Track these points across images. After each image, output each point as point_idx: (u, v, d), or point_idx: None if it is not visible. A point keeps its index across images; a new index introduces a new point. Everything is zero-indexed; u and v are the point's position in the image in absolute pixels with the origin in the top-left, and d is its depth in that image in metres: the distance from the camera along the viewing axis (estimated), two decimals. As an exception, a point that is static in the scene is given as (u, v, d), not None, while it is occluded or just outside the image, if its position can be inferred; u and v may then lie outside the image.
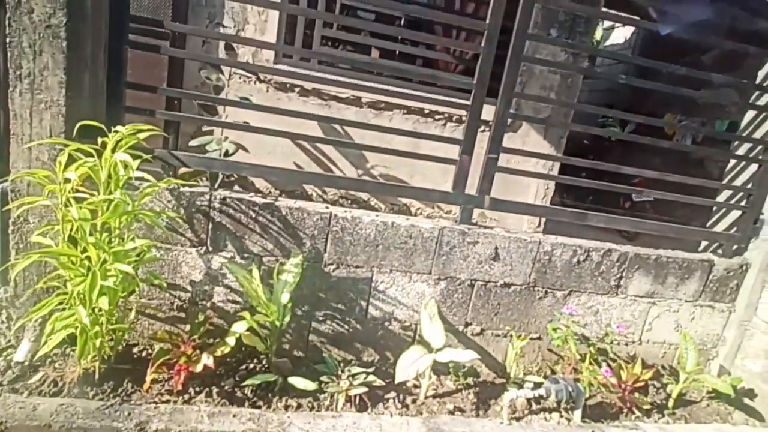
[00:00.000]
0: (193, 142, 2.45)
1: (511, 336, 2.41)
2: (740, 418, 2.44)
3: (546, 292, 2.43)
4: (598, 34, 5.58)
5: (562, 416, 2.19)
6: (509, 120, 2.72)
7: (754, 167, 2.66)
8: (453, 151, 2.33)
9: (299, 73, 2.55)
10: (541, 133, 3.26)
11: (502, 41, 2.16)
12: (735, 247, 2.64)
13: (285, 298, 2.07)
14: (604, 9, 3.06)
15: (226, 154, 2.38)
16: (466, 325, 2.42)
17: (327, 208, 2.22)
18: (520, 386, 2.23)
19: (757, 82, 2.65)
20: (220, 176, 2.37)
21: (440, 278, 2.33)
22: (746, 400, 2.50)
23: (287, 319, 2.08)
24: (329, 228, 2.20)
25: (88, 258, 1.71)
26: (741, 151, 2.74)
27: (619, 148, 5.12)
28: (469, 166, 2.26)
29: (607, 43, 5.69)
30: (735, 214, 2.72)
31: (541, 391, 2.15)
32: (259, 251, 2.19)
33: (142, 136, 1.79)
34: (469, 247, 2.31)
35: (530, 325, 2.47)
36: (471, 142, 2.20)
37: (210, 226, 2.13)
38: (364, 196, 3.14)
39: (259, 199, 2.15)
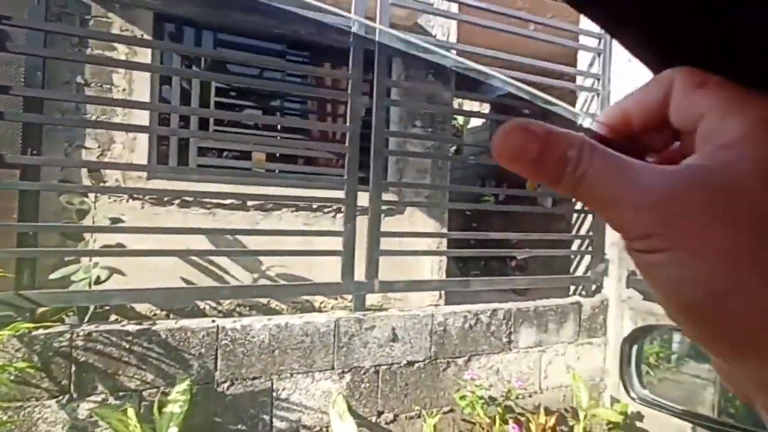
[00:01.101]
0: (54, 275, 2.21)
1: (424, 415, 2.40)
2: (637, 443, 2.65)
3: (448, 363, 2.51)
4: (461, 119, 6.47)
5: (486, 489, 2.17)
6: (386, 206, 2.95)
7: (590, 216, 3.18)
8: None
9: (176, 191, 2.53)
10: (425, 213, 3.55)
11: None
12: (594, 287, 3.04)
13: (173, 433, 1.85)
14: (455, 103, 3.61)
15: (97, 281, 2.18)
16: (379, 414, 2.36)
17: (213, 321, 2.11)
18: (441, 467, 2.18)
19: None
20: (91, 308, 2.14)
21: (344, 371, 2.29)
22: (638, 423, 2.74)
23: (178, 457, 1.84)
24: (218, 343, 2.07)
25: None
26: (579, 206, 3.28)
27: (498, 215, 5.75)
28: (353, 255, 2.36)
29: (469, 126, 6.63)
30: (587, 258, 3.18)
31: (462, 467, 2.13)
32: (137, 386, 1.96)
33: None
34: (367, 333, 2.33)
35: (440, 399, 2.49)
36: (351, 232, 2.33)
37: (73, 368, 1.87)
38: (263, 299, 3.05)
39: (132, 327, 1.97)
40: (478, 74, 2.44)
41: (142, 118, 2.76)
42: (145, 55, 2.78)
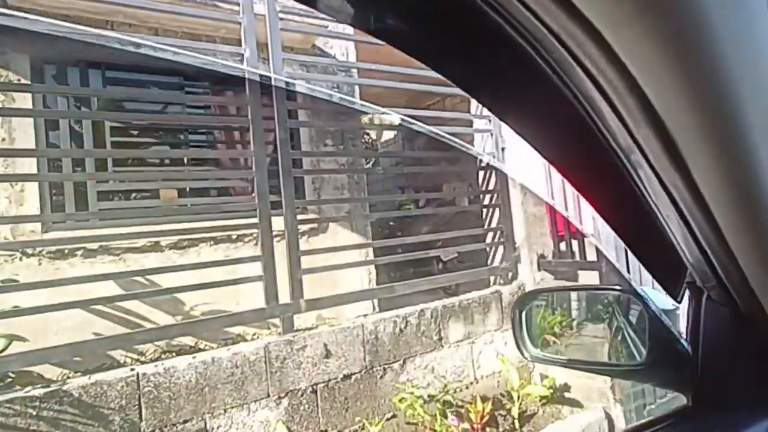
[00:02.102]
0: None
1: (366, 427, 2.43)
2: (567, 411, 2.88)
3: (384, 369, 2.58)
4: (374, 134, 6.68)
5: (434, 483, 2.24)
6: (309, 226, 2.99)
7: (497, 211, 3.44)
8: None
9: (76, 238, 2.38)
10: (348, 228, 3.62)
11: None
12: (510, 274, 3.29)
13: (98, 497, 1.72)
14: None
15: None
16: (322, 433, 2.36)
17: (132, 369, 2.00)
18: (389, 472, 2.23)
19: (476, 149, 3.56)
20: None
21: (280, 396, 2.27)
22: (566, 394, 2.98)
23: None
24: (140, 391, 1.97)
25: None
26: (486, 201, 3.54)
27: (421, 222, 5.96)
28: (275, 278, 2.36)
29: (383, 138, 6.87)
30: (501, 248, 3.43)
31: (408, 468, 2.19)
32: (50, 454, 1.80)
33: None
34: (299, 354, 2.33)
35: (381, 406, 2.54)
36: (269, 254, 2.33)
37: (-30, 449, 1.69)
38: (190, 341, 2.91)
39: (38, 391, 1.82)
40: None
41: (29, 167, 2.57)
42: (25, 100, 2.61)
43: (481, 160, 3.45)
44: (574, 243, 3.19)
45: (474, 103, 3.52)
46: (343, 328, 2.47)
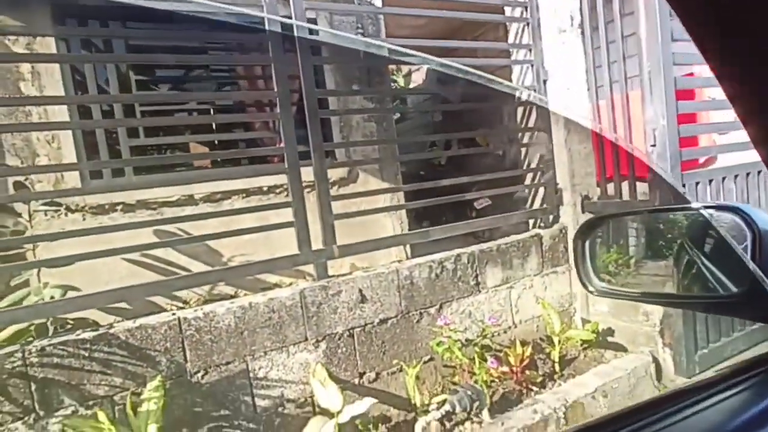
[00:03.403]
0: (1, 303, 2.09)
1: (404, 368, 2.44)
2: (610, 355, 2.79)
3: (420, 314, 2.55)
4: (399, 80, 6.39)
5: (473, 422, 2.25)
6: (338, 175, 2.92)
7: (539, 150, 3.22)
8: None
9: (118, 186, 2.42)
10: (378, 176, 3.52)
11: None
12: (551, 217, 3.12)
13: (152, 429, 1.81)
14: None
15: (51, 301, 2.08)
16: (360, 375, 2.39)
17: (173, 314, 2.06)
18: (427, 412, 2.24)
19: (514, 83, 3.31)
20: (51, 329, 2.06)
21: (318, 340, 2.29)
22: (609, 338, 2.88)
23: (162, 453, 1.82)
24: (183, 335, 2.03)
25: None
26: (525, 140, 3.32)
27: (450, 168, 5.77)
28: (306, 224, 2.32)
29: (411, 85, 6.56)
30: (542, 190, 3.24)
31: (447, 407, 2.19)
32: (106, 392, 1.91)
33: None
34: (334, 299, 2.33)
35: (418, 350, 2.54)
36: (300, 200, 2.29)
37: (33, 387, 1.80)
38: (229, 290, 2.99)
39: (88, 334, 1.90)
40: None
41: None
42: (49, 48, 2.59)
43: (519, 96, 3.20)
44: (624, 185, 2.95)
45: (513, 31, 3.22)
46: (378, 274, 2.44)
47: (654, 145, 2.51)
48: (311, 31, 2.61)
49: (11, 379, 1.78)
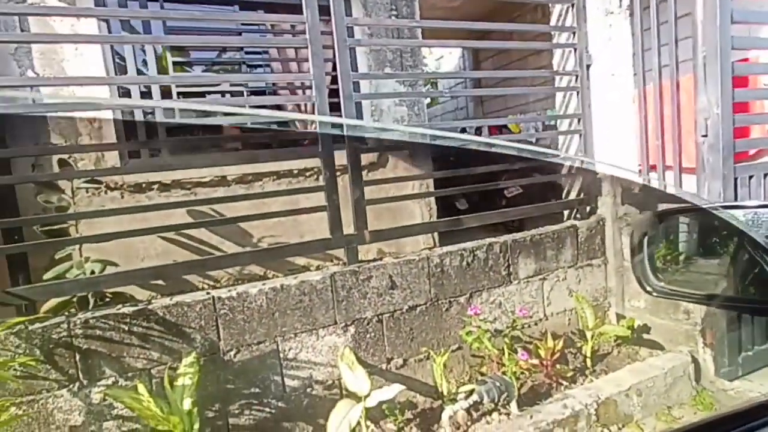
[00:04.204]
0: (47, 275, 2.19)
1: (432, 356, 2.43)
2: (645, 353, 2.70)
3: (450, 302, 2.52)
4: (432, 64, 6.26)
5: (500, 413, 2.23)
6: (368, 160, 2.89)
7: (577, 138, 3.10)
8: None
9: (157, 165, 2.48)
10: (408, 162, 3.49)
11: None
12: (588, 208, 3.01)
13: (187, 404, 1.87)
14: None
15: (92, 275, 2.16)
16: (388, 361, 2.40)
17: (208, 293, 2.10)
18: (454, 401, 2.23)
19: (555, 69, 3.17)
20: (91, 301, 2.14)
21: (347, 324, 2.30)
22: (645, 336, 2.78)
23: (197, 426, 1.87)
24: (216, 313, 2.07)
25: None
26: (563, 128, 3.20)
27: (481, 155, 5.64)
28: (338, 208, 2.32)
29: (442, 70, 6.43)
30: (579, 179, 3.13)
31: (474, 397, 2.18)
32: (144, 365, 1.97)
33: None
34: (364, 284, 2.33)
35: (446, 338, 2.52)
36: (332, 184, 2.28)
37: (77, 357, 1.88)
38: (259, 271, 3.04)
39: (128, 309, 1.97)
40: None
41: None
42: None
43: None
44: (669, 176, 2.81)
45: (556, 13, 3.08)
46: (408, 260, 2.42)
47: (705, 136, 2.37)
48: (347, 13, 2.56)
49: (57, 348, 1.86)
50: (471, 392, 2.21)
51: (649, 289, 0.81)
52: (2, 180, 2.08)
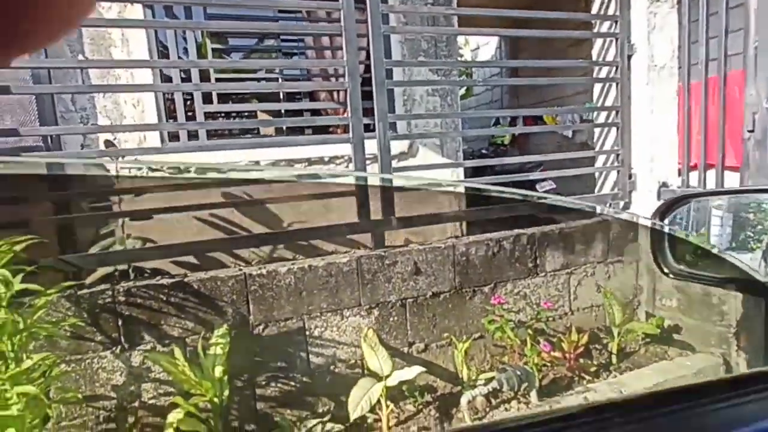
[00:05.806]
0: (92, 249, 2.35)
1: (454, 342, 2.46)
2: (674, 353, 2.63)
3: (474, 291, 2.54)
4: (467, 55, 6.18)
5: (520, 402, 2.24)
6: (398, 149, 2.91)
7: (614, 131, 3.02)
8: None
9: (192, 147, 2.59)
10: (438, 152, 3.48)
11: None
12: (622, 203, 2.94)
13: (218, 371, 1.98)
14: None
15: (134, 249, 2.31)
16: (410, 344, 2.44)
17: (240, 270, 2.20)
18: (474, 387, 2.26)
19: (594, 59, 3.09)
20: (132, 274, 2.29)
21: (371, 306, 2.36)
22: (675, 335, 2.71)
23: (226, 393, 1.99)
24: (247, 289, 2.17)
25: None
26: (600, 120, 3.12)
27: (514, 149, 5.57)
28: (367, 194, 2.36)
29: (479, 59, 6.33)
30: (614, 174, 3.05)
31: (494, 384, 2.20)
32: (180, 333, 2.10)
33: (18, 248, 1.70)
34: (390, 269, 2.37)
35: (469, 326, 2.54)
36: (362, 170, 2.32)
37: (120, 322, 2.02)
38: (288, 254, 3.13)
39: (166, 280, 2.09)
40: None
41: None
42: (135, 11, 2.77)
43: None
44: (710, 175, 2.69)
45: (598, 1, 2.98)
46: (434, 248, 2.44)
47: (752, 131, 2.26)
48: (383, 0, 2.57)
49: (102, 313, 2.00)
50: (491, 379, 2.23)
51: (666, 270, 0.82)
52: (53, 159, 2.23)
